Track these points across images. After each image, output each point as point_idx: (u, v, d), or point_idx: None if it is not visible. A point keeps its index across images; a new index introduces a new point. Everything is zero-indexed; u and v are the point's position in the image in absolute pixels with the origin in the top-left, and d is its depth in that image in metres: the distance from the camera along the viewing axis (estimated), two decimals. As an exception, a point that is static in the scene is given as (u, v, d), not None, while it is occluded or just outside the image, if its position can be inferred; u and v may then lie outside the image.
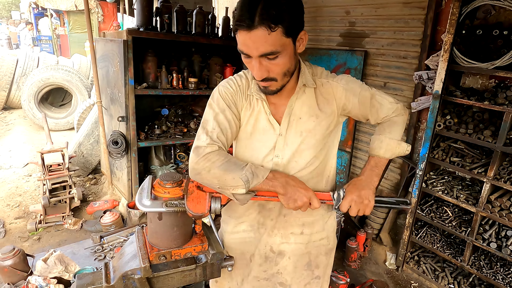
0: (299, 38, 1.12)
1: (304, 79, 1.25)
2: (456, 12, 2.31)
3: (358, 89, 1.28)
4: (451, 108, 2.63)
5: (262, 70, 1.11)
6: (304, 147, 1.28)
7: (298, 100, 1.26)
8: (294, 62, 1.16)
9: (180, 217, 1.33)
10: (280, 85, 1.18)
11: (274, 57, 1.08)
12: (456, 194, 2.59)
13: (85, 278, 1.41)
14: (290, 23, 1.05)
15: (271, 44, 1.04)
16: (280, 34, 1.04)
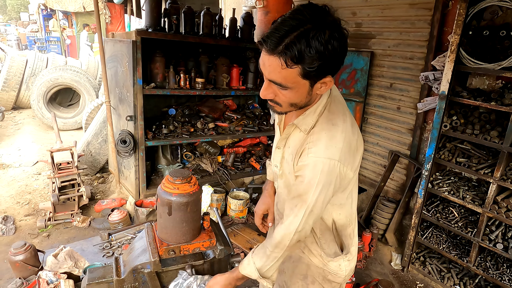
0: (323, 81, 1.04)
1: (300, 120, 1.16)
2: (463, 13, 2.31)
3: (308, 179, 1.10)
4: (457, 109, 2.63)
5: (269, 91, 1.07)
6: (288, 172, 1.24)
7: (293, 135, 1.21)
8: (305, 100, 1.09)
9: (189, 212, 1.36)
10: (285, 111, 1.15)
11: (283, 89, 1.03)
12: (462, 195, 2.59)
13: (96, 272, 1.44)
14: (314, 69, 0.96)
15: (282, 77, 0.99)
16: (296, 73, 0.97)
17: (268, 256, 1.21)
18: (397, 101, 3.33)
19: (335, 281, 1.38)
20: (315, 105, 1.15)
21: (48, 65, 7.14)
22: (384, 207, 3.31)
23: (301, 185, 1.11)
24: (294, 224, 1.14)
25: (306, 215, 1.13)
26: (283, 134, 1.26)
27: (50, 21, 14.59)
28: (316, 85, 1.04)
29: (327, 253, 1.33)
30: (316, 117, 1.14)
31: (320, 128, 1.12)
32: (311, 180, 1.08)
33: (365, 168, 3.80)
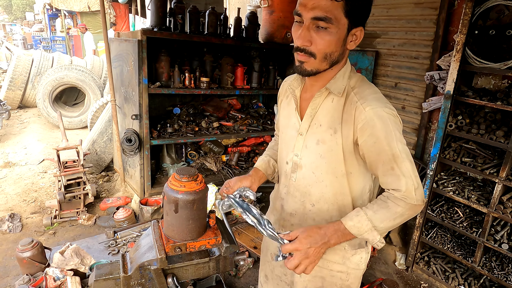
0: (354, 32, 1.07)
1: (332, 84, 1.14)
2: (468, 13, 2.31)
3: (383, 133, 1.04)
4: (462, 109, 2.63)
5: (307, 36, 1.04)
6: (319, 159, 1.18)
7: (324, 105, 1.17)
8: (339, 51, 1.08)
9: (195, 210, 1.37)
10: (317, 68, 1.09)
11: (324, 27, 1.02)
12: (467, 195, 2.58)
13: (103, 268, 1.46)
14: (355, 7, 1.01)
15: (327, 10, 0.99)
16: (340, 7, 1.00)
17: (394, 219, 1.08)
18: (402, 101, 3.32)
19: (355, 283, 1.32)
20: (343, 69, 1.16)
21: (53, 65, 7.20)
22: (389, 206, 3.31)
23: (380, 143, 1.05)
24: (410, 183, 1.05)
25: (410, 169, 1.06)
26: (308, 112, 1.20)
27: (57, 21, 14.69)
28: (349, 36, 1.07)
29: (353, 244, 1.25)
30: (347, 81, 1.15)
31: (361, 88, 1.13)
32: (386, 130, 1.05)
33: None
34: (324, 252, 1.11)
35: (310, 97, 1.21)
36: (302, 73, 1.13)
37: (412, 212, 1.09)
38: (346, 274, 1.30)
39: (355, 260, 1.28)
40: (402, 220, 1.10)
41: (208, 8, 3.49)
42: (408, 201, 1.06)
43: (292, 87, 1.27)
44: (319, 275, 1.32)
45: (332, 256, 1.28)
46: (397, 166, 1.06)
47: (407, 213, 1.08)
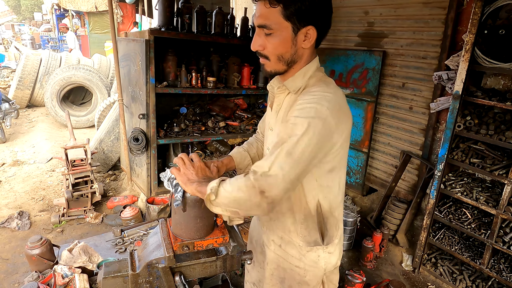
0: (304, 32, 1.11)
1: (290, 82, 1.20)
2: (478, 12, 2.28)
3: (293, 120, 1.06)
4: (471, 109, 2.60)
5: (258, 42, 1.14)
6: None
7: (285, 101, 1.24)
8: (291, 51, 1.13)
9: (204, 209, 1.37)
10: (274, 68, 1.17)
11: (269, 33, 1.11)
12: (475, 196, 2.56)
13: (112, 266, 1.47)
14: (294, 9, 1.06)
15: (266, 18, 1.09)
16: (278, 13, 1.07)
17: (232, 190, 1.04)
18: (409, 101, 3.30)
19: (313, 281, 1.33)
20: (303, 68, 1.19)
21: (61, 64, 7.27)
22: (395, 207, 3.29)
23: (286, 129, 1.05)
24: (265, 165, 1.00)
25: (282, 154, 1.00)
26: (274, 108, 1.28)
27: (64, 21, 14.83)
28: (299, 36, 1.11)
29: (307, 240, 1.28)
30: (306, 81, 1.19)
31: (314, 85, 1.17)
32: (297, 120, 1.03)
33: (376, 168, 3.78)
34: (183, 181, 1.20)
35: None
36: (265, 74, 1.23)
37: (248, 194, 1.00)
38: (303, 270, 1.33)
39: (312, 258, 1.30)
40: (238, 198, 1.02)
41: (214, 8, 3.50)
42: (251, 176, 1.01)
43: (272, 85, 1.31)
44: (281, 266, 1.37)
45: (290, 250, 1.33)
46: (276, 149, 1.03)
47: (244, 191, 1.01)
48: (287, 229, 1.31)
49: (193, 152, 1.47)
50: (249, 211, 1.07)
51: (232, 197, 1.04)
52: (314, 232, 1.28)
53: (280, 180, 0.99)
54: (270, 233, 1.38)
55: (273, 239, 1.38)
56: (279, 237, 1.35)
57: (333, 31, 3.93)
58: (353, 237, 3.23)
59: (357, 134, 3.78)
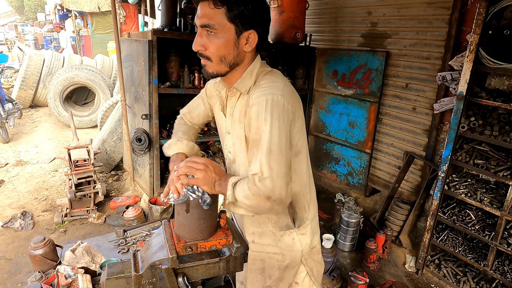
0: (246, 36, 1.15)
1: (239, 83, 1.24)
2: (482, 12, 2.27)
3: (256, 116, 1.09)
4: (475, 110, 2.59)
5: (199, 42, 1.15)
6: (240, 151, 1.30)
7: (238, 103, 1.27)
8: (233, 53, 1.16)
9: (207, 210, 1.37)
10: (216, 70, 1.19)
11: (211, 33, 1.12)
12: (479, 197, 2.54)
13: (115, 267, 1.47)
14: (238, 11, 1.09)
15: (209, 18, 1.10)
16: (222, 14, 1.09)
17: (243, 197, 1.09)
18: (412, 102, 3.29)
19: (293, 263, 1.39)
20: (249, 68, 1.22)
21: (64, 64, 7.29)
22: (399, 208, 3.28)
23: (253, 127, 1.10)
24: (256, 169, 1.05)
25: (264, 154, 1.05)
26: (228, 112, 1.31)
27: (66, 22, 14.87)
28: (241, 39, 1.14)
29: (279, 226, 1.35)
30: (254, 79, 1.22)
31: (260, 80, 1.21)
32: (259, 116, 1.08)
33: (379, 169, 3.77)
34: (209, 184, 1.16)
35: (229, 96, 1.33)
36: (206, 76, 1.23)
37: (256, 202, 1.06)
38: (281, 255, 1.39)
39: (287, 241, 1.37)
40: (251, 205, 1.08)
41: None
42: (252, 185, 1.06)
43: (218, 89, 1.36)
44: (258, 258, 1.44)
45: (265, 240, 1.40)
46: (256, 151, 1.09)
47: (252, 199, 1.06)
48: (257, 221, 1.38)
49: None
50: (265, 212, 1.23)
51: (246, 204, 1.10)
52: (284, 217, 1.35)
53: (275, 179, 1.05)
54: (245, 233, 1.46)
55: (247, 237, 1.45)
56: (250, 233, 1.43)
57: (336, 31, 3.92)
58: (356, 238, 3.22)
59: (360, 134, 3.77)
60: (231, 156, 1.38)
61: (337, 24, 3.91)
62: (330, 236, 2.87)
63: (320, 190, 4.44)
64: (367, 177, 3.79)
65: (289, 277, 1.44)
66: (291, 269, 1.42)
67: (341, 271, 2.90)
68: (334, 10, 3.91)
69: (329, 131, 4.15)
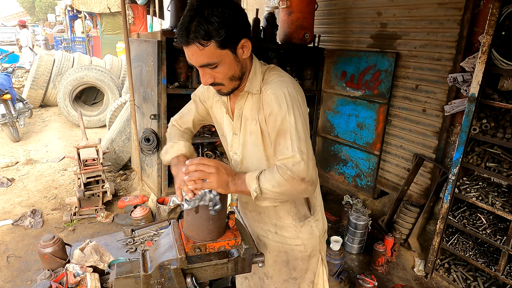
0: (240, 46, 1.17)
1: (249, 86, 1.28)
2: (496, 13, 2.23)
3: (276, 109, 1.17)
4: (487, 112, 2.55)
5: (207, 77, 1.18)
6: (254, 148, 1.34)
7: (247, 103, 1.31)
8: (238, 68, 1.21)
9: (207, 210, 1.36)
10: (231, 88, 1.25)
11: (214, 67, 1.15)
12: (491, 201, 2.50)
13: (124, 266, 1.47)
14: (224, 37, 1.09)
15: (206, 57, 1.12)
16: (213, 48, 1.10)
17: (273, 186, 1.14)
18: (422, 103, 3.25)
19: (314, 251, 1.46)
20: (252, 70, 1.27)
21: (74, 65, 7.37)
22: (408, 211, 3.24)
23: (275, 120, 1.17)
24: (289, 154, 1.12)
25: (295, 140, 1.13)
26: (236, 113, 1.34)
27: (76, 22, 15.05)
28: (238, 51, 1.17)
29: (298, 217, 1.41)
30: (260, 77, 1.28)
31: (268, 77, 1.26)
32: (282, 108, 1.16)
33: (387, 171, 3.73)
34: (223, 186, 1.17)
35: (236, 100, 1.35)
36: (224, 95, 1.31)
37: (290, 186, 1.13)
38: (303, 246, 1.44)
39: (307, 230, 1.43)
40: (283, 191, 1.15)
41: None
42: (285, 170, 1.12)
43: (220, 96, 1.38)
44: (282, 250, 1.47)
45: (286, 233, 1.43)
46: (283, 140, 1.16)
47: (286, 184, 1.12)
48: (277, 215, 1.42)
49: None
50: (297, 196, 1.30)
51: (277, 192, 1.15)
52: (302, 207, 1.41)
53: (306, 161, 1.13)
54: (263, 224, 1.48)
55: (268, 228, 1.47)
56: (273, 224, 1.45)
57: (344, 32, 3.90)
58: (364, 240, 3.19)
59: (369, 136, 3.74)
60: (237, 157, 1.40)
61: (346, 25, 3.88)
62: (338, 238, 2.85)
63: (328, 192, 4.41)
64: (376, 179, 3.76)
65: (313, 266, 1.50)
66: (313, 257, 1.48)
67: (349, 273, 2.88)
68: (343, 11, 3.88)
69: (337, 133, 4.12)
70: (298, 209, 1.40)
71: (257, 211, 1.47)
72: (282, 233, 1.44)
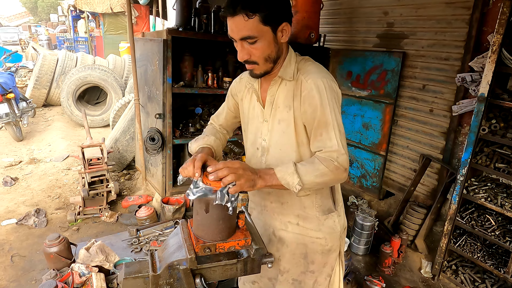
0: (281, 29, 1.22)
1: (283, 72, 1.32)
2: (506, 12, 2.21)
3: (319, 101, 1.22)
4: (496, 112, 2.52)
5: (244, 52, 1.23)
6: (283, 135, 1.35)
7: (280, 90, 1.34)
8: (275, 49, 1.25)
9: (226, 210, 1.34)
10: (264, 70, 1.28)
11: (253, 41, 1.20)
12: (500, 202, 2.47)
13: (132, 266, 1.45)
14: (269, 13, 1.16)
15: (248, 30, 1.17)
16: (257, 22, 1.16)
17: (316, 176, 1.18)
18: (430, 103, 3.22)
19: (334, 246, 1.46)
20: (287, 57, 1.32)
21: (77, 64, 7.36)
22: (414, 212, 3.21)
23: (316, 111, 1.23)
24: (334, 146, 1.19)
25: (337, 133, 1.20)
26: (268, 100, 1.36)
27: (79, 22, 15.07)
28: (278, 34, 1.22)
29: (322, 210, 1.42)
30: (295, 65, 1.32)
31: (305, 66, 1.31)
32: (321, 98, 1.22)
33: (393, 171, 3.71)
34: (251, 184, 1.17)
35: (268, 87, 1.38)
36: (255, 77, 1.33)
37: (334, 175, 1.20)
38: (324, 239, 1.45)
39: (329, 224, 1.44)
40: (325, 180, 1.21)
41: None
42: (332, 162, 1.19)
43: (251, 82, 1.43)
44: (302, 242, 1.47)
45: (309, 224, 1.44)
46: (326, 132, 1.22)
47: (330, 174, 1.19)
48: (302, 205, 1.42)
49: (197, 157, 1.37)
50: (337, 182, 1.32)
51: (318, 182, 1.20)
52: (327, 201, 1.43)
53: (346, 153, 1.22)
54: (284, 216, 1.48)
55: (288, 220, 1.47)
56: (295, 215, 1.45)
57: (350, 32, 3.88)
58: (370, 241, 3.17)
59: (374, 136, 3.71)
60: (265, 143, 1.41)
61: (352, 24, 3.86)
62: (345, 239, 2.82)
63: (332, 193, 4.38)
64: (381, 180, 3.73)
65: (331, 261, 1.50)
66: (333, 253, 1.49)
67: (355, 275, 2.85)
68: (349, 11, 3.86)
69: (342, 133, 4.09)
70: (323, 201, 1.42)
71: (280, 202, 1.46)
72: (305, 225, 1.44)
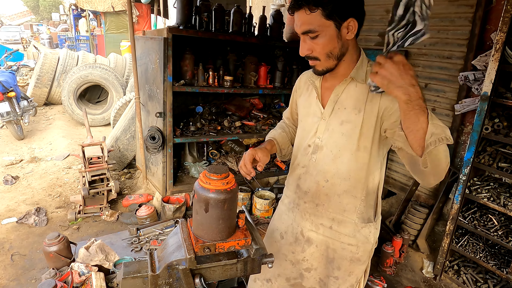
0: (346, 25, 1.18)
1: (355, 73, 1.27)
2: (510, 10, 2.19)
3: None
4: (499, 111, 2.50)
5: (305, 47, 1.23)
6: (341, 137, 1.31)
7: (347, 90, 1.30)
8: (338, 46, 1.21)
9: (226, 210, 1.33)
10: (326, 66, 1.26)
11: (314, 36, 1.18)
12: (503, 202, 2.45)
13: (131, 266, 1.44)
14: (332, 8, 1.13)
15: (309, 23, 1.16)
16: (319, 16, 1.14)
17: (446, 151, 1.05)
18: (432, 102, 3.20)
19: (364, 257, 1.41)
20: (360, 58, 1.29)
21: (78, 63, 7.35)
22: (416, 212, 3.19)
23: None
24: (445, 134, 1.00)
25: None
26: (331, 98, 1.33)
27: (80, 21, 15.07)
28: (343, 30, 1.18)
29: (363, 217, 1.38)
30: (366, 68, 1.27)
31: None
32: None
33: (395, 171, 3.69)
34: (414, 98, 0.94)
35: (331, 86, 1.35)
36: (317, 74, 1.32)
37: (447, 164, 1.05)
38: (356, 247, 1.40)
39: (365, 233, 1.39)
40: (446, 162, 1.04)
41: (229, 7, 3.46)
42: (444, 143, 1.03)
43: (312, 79, 1.42)
44: (331, 247, 1.43)
45: (343, 229, 1.40)
46: None
47: (448, 157, 1.05)
48: (341, 209, 1.38)
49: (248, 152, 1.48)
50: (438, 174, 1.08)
51: (442, 158, 1.01)
52: (370, 210, 1.39)
53: None
54: (317, 218, 1.44)
55: (321, 222, 1.43)
56: (330, 218, 1.41)
57: (352, 30, 3.85)
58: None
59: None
60: (319, 141, 1.38)
61: (353, 23, 3.83)
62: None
63: (334, 192, 4.36)
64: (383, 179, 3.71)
65: (358, 272, 1.46)
66: (362, 264, 1.44)
67: (356, 275, 2.83)
68: (350, 9, 3.84)
69: (344, 132, 4.07)
70: (366, 209, 1.38)
71: (315, 203, 1.43)
72: (339, 229, 1.40)
